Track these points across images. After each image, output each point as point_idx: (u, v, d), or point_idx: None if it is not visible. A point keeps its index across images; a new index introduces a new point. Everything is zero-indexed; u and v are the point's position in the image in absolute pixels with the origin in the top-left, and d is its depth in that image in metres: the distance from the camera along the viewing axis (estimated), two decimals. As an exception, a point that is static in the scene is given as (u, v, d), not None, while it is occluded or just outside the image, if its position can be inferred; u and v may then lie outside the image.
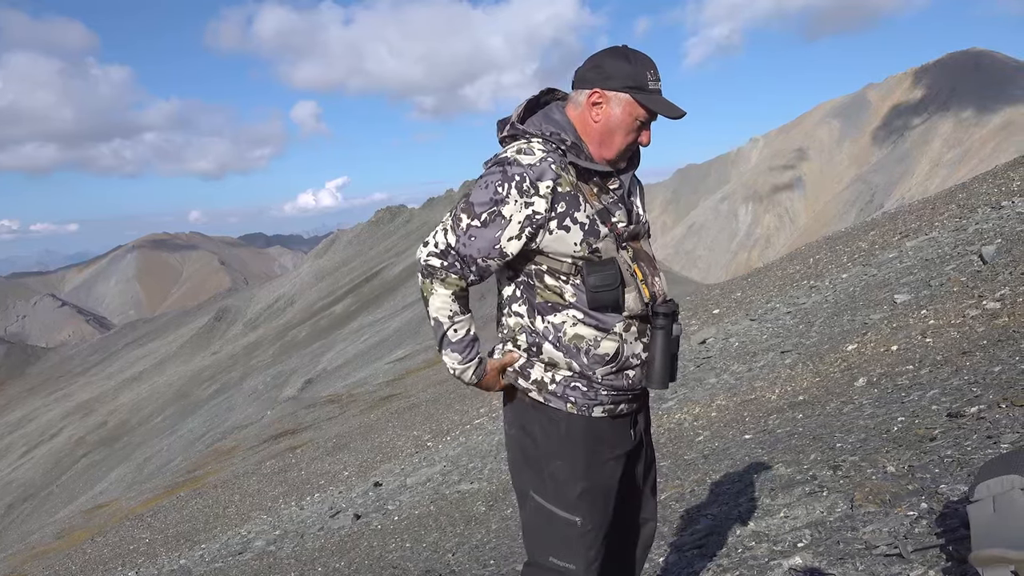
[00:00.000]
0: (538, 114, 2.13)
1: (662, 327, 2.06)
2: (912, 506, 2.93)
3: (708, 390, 7.68)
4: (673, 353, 2.09)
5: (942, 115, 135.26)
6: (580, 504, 2.10)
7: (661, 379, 2.08)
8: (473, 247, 2.00)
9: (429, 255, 2.04)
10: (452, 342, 2.09)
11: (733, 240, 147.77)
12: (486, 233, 1.99)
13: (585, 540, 2.11)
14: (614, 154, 2.07)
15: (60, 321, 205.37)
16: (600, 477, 2.12)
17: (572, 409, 2.09)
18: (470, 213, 2.00)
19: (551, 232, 2.00)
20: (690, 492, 4.50)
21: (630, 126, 2.04)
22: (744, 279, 16.77)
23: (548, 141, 2.04)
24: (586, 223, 2.00)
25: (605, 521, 2.15)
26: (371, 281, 76.22)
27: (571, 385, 2.08)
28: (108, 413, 72.44)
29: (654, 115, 2.05)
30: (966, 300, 6.34)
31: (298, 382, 48.14)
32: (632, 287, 2.05)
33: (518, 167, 1.97)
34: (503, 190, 1.97)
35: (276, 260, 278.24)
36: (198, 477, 22.11)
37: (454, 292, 2.06)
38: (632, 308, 2.05)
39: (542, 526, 2.15)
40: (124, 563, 12.88)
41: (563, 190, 1.99)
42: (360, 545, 7.51)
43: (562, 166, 2.00)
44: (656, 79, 2.03)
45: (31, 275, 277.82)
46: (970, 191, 12.81)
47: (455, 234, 2.01)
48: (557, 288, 2.06)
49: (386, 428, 16.71)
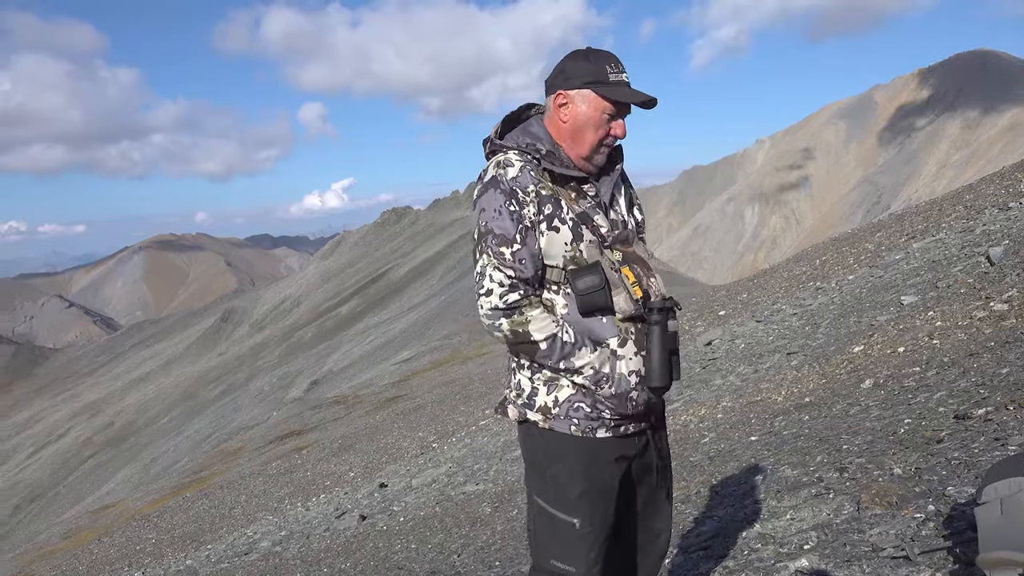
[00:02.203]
0: (517, 128, 2.21)
1: (657, 322, 2.05)
2: (919, 508, 2.92)
3: (714, 391, 7.67)
4: (672, 349, 2.07)
5: (949, 116, 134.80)
6: (579, 506, 2.11)
7: (660, 376, 2.06)
8: (528, 268, 2.06)
9: (503, 296, 2.06)
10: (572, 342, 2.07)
11: (739, 241, 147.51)
12: (529, 249, 2.05)
13: (585, 542, 2.12)
14: (588, 150, 2.11)
15: (67, 322, 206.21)
16: (599, 480, 2.13)
17: (576, 432, 2.11)
18: (505, 241, 2.04)
19: (543, 235, 2.05)
20: (696, 494, 4.49)
21: (598, 121, 2.09)
22: (750, 280, 16.74)
23: (524, 152, 2.11)
24: (571, 224, 2.05)
25: (606, 524, 2.15)
26: (377, 282, 76.33)
27: (574, 405, 2.10)
28: (115, 414, 72.70)
29: (622, 106, 2.10)
30: (973, 302, 6.32)
31: (304, 383, 48.20)
32: (620, 289, 2.06)
33: (506, 182, 2.05)
34: (514, 205, 2.04)
35: (282, 261, 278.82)
36: (204, 478, 22.16)
37: (543, 308, 2.09)
38: (624, 309, 2.06)
39: (544, 529, 2.18)
40: (130, 563, 12.92)
41: (545, 193, 2.06)
42: (366, 546, 7.51)
43: (539, 172, 2.08)
44: (618, 71, 2.08)
45: (38, 276, 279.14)
46: (977, 192, 12.76)
47: (508, 267, 2.05)
48: (550, 301, 2.10)
49: (392, 429, 16.72)
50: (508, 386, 2.24)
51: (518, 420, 2.19)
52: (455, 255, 64.38)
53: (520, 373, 2.17)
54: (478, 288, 2.09)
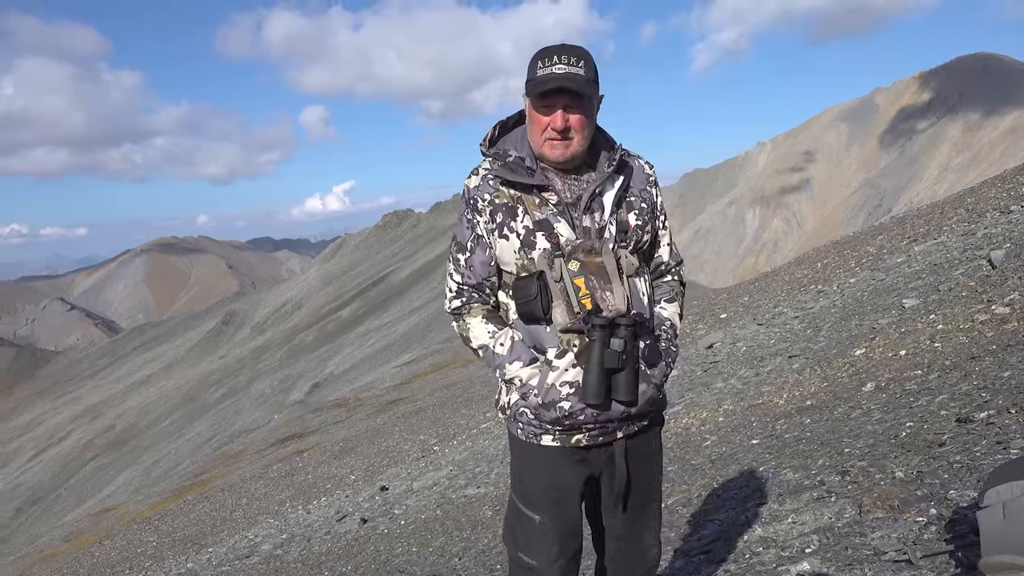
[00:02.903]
0: (509, 134, 2.22)
1: (596, 338, 1.99)
2: (921, 512, 2.91)
3: (715, 395, 7.66)
4: (611, 368, 1.99)
5: (950, 119, 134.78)
6: (540, 503, 2.17)
7: (594, 393, 2.00)
8: (476, 274, 2.14)
9: (450, 302, 2.20)
10: (504, 353, 2.12)
11: (740, 244, 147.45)
12: (479, 257, 2.12)
13: (547, 538, 2.17)
14: (538, 148, 2.10)
15: (69, 325, 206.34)
16: (557, 481, 2.16)
17: (522, 436, 2.16)
18: (461, 248, 2.16)
19: (497, 243, 2.09)
20: (697, 497, 4.48)
21: (534, 116, 2.08)
22: (751, 284, 16.74)
23: (497, 159, 2.14)
24: (522, 233, 2.05)
25: (567, 520, 2.19)
26: (378, 285, 76.34)
27: (519, 410, 2.14)
28: (116, 417, 72.73)
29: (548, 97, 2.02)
30: (975, 305, 6.31)
31: (305, 386, 48.23)
32: (560, 300, 2.02)
33: (469, 191, 2.13)
34: (471, 214, 2.12)
35: (283, 264, 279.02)
36: (205, 481, 22.15)
37: (483, 315, 2.16)
38: (559, 322, 2.03)
39: (513, 523, 2.25)
40: (132, 566, 12.91)
41: (500, 202, 2.09)
42: (367, 549, 7.51)
43: (500, 180, 2.10)
44: (549, 64, 2.01)
45: (40, 279, 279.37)
46: (979, 195, 12.76)
47: (459, 272, 2.16)
48: (505, 305, 2.16)
49: (393, 432, 16.71)
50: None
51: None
52: (456, 258, 64.32)
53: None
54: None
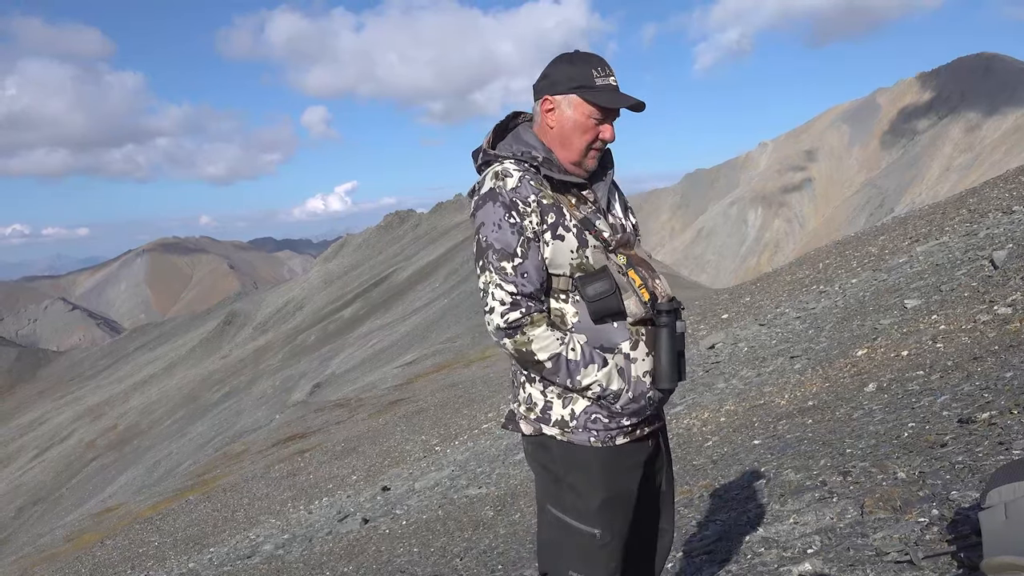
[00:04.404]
0: (508, 137, 2.18)
1: (665, 324, 2.04)
2: (923, 512, 2.91)
3: (717, 395, 7.66)
4: (679, 350, 2.07)
5: (952, 119, 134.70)
6: (600, 516, 2.07)
7: (669, 377, 2.05)
8: (532, 281, 2.01)
9: (504, 315, 2.00)
10: (578, 359, 2.02)
11: (742, 245, 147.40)
12: (532, 262, 2.01)
13: (605, 552, 2.08)
14: (577, 155, 2.08)
15: (71, 325, 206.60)
16: (620, 486, 2.11)
17: (596, 443, 2.08)
18: (506, 255, 2.00)
19: (548, 244, 2.02)
20: (699, 497, 4.48)
21: (585, 125, 2.06)
22: (753, 284, 16.73)
23: (520, 161, 2.07)
24: (575, 231, 2.03)
25: (625, 531, 2.12)
26: (380, 285, 76.34)
27: (592, 416, 2.07)
28: (118, 417, 72.75)
29: (609, 110, 2.06)
30: (977, 305, 6.31)
31: (307, 386, 48.22)
32: (629, 292, 2.04)
33: (505, 193, 2.01)
34: (515, 218, 2.00)
35: (285, 264, 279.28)
36: (207, 481, 22.15)
37: (547, 323, 2.04)
38: (635, 312, 2.04)
39: (560, 540, 2.12)
40: (133, 566, 12.93)
41: (547, 202, 2.03)
42: (368, 549, 7.51)
43: (539, 181, 2.04)
44: (605, 75, 2.05)
45: (42, 279, 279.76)
46: (981, 196, 12.75)
47: (510, 282, 2.00)
48: (559, 311, 2.07)
49: (394, 432, 16.71)
50: (516, 399, 2.17)
51: (533, 435, 2.13)
52: (458, 258, 64.36)
53: (531, 386, 2.12)
54: (483, 306, 2.05)
